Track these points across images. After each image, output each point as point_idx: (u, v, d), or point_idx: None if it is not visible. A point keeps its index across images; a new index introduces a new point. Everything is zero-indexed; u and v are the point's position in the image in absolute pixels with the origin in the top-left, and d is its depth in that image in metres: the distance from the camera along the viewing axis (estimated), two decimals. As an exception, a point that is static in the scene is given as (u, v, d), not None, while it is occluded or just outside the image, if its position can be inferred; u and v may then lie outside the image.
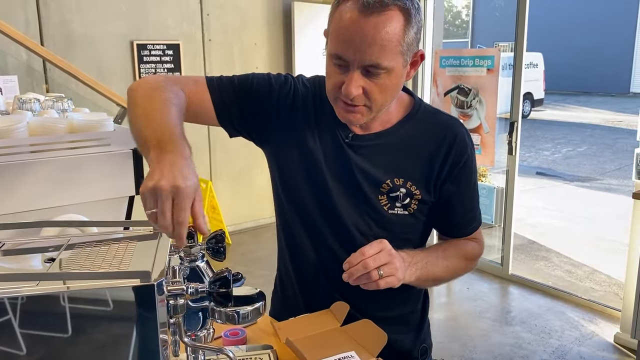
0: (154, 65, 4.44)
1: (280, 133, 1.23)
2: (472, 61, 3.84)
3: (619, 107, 14.64)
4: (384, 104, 1.11)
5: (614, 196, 6.59)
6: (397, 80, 1.09)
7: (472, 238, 1.30)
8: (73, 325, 0.80)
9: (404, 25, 1.01)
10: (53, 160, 1.53)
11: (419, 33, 1.06)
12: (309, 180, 1.23)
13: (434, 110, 1.26)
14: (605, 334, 3.22)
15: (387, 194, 1.20)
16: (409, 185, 1.19)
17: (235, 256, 4.55)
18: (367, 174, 1.19)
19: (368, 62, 1.01)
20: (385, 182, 1.19)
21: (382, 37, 0.99)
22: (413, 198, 1.20)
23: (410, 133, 1.20)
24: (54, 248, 0.97)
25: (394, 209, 1.20)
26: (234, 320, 0.93)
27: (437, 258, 1.22)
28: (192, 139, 0.96)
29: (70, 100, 1.96)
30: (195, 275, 1.07)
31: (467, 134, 1.23)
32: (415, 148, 1.19)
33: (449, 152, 1.19)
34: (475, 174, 1.27)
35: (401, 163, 1.19)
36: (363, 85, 1.05)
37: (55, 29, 3.98)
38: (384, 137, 1.20)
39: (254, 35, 4.97)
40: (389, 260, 1.07)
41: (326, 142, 1.21)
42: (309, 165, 1.23)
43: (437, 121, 1.22)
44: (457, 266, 1.26)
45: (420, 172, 1.19)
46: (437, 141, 1.19)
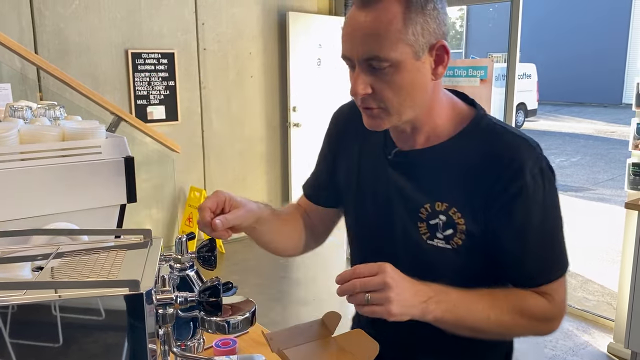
0: (149, 73, 4.44)
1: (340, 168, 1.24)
2: (466, 71, 3.86)
3: (611, 117, 14.74)
4: (403, 104, 0.98)
5: (607, 206, 6.62)
6: (412, 77, 0.95)
7: (542, 292, 1.03)
8: (61, 335, 0.79)
9: (403, 11, 0.91)
10: (44, 168, 1.51)
11: (433, 21, 0.94)
12: (354, 201, 1.18)
13: (501, 127, 1.04)
14: (598, 343, 3.22)
15: (426, 221, 1.05)
16: (452, 213, 1.02)
17: (229, 265, 4.53)
18: (406, 196, 1.07)
19: (366, 54, 0.93)
20: (424, 207, 1.04)
21: (377, 27, 0.91)
22: (456, 229, 1.02)
23: (462, 152, 1.03)
24: (42, 256, 0.96)
25: (434, 240, 1.05)
26: (224, 329, 0.93)
27: (477, 303, 0.99)
28: (185, 147, 0.97)
29: (63, 108, 1.95)
30: (186, 285, 1.06)
31: (536, 160, 1.00)
32: (466, 170, 1.01)
33: (499, 175, 0.98)
34: (547, 213, 1.01)
35: (446, 185, 1.03)
36: (371, 83, 0.96)
37: (50, 37, 3.98)
38: (430, 154, 1.05)
39: (248, 45, 4.98)
40: (382, 288, 0.91)
41: (369, 161, 1.14)
42: (351, 185, 1.18)
43: (499, 141, 1.01)
44: (508, 321, 1.00)
45: (467, 198, 1.01)
46: (492, 164, 0.99)
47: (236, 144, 5.04)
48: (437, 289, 0.96)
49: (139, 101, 4.43)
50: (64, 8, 4.01)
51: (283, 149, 5.33)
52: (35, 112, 1.90)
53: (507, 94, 3.81)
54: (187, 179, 4.79)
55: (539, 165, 1.00)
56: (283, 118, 5.26)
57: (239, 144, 5.05)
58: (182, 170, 4.71)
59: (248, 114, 5.08)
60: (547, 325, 1.05)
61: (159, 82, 4.50)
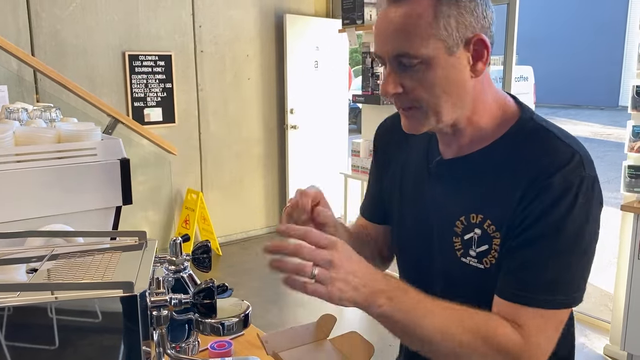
0: (146, 76, 4.44)
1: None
2: (462, 74, 3.87)
3: (608, 120, 14.78)
4: (439, 103, 0.90)
5: (603, 208, 6.62)
6: (446, 74, 0.88)
7: (518, 323, 0.88)
8: (54, 336, 0.79)
9: (434, 4, 0.85)
10: (39, 170, 1.51)
11: (469, 13, 0.87)
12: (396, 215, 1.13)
13: (548, 130, 0.94)
14: (595, 345, 3.22)
15: (461, 236, 0.96)
16: (486, 226, 0.92)
17: (225, 268, 4.53)
18: (443, 208, 0.99)
19: (396, 51, 0.88)
20: (460, 219, 0.96)
21: (406, 22, 0.86)
22: (491, 245, 0.92)
23: (502, 158, 0.94)
24: (37, 258, 0.96)
25: (467, 258, 0.95)
26: (219, 331, 0.93)
27: (437, 314, 0.86)
28: (182, 149, 0.97)
29: (59, 110, 1.95)
30: (181, 286, 1.06)
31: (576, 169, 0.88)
32: (504, 177, 0.92)
33: (532, 182, 0.89)
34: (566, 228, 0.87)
35: (484, 195, 0.94)
36: (402, 82, 0.90)
37: (47, 39, 3.98)
38: (472, 161, 0.97)
39: (246, 47, 4.99)
40: (325, 264, 0.80)
41: (412, 172, 1.08)
42: (393, 199, 1.13)
43: (544, 143, 0.92)
44: (464, 340, 0.86)
45: (502, 209, 0.91)
46: (528, 170, 0.90)
47: (233, 146, 5.04)
48: (395, 285, 0.86)
49: (136, 103, 4.43)
50: (61, 10, 4.01)
51: (280, 151, 5.33)
52: (31, 114, 1.90)
53: (503, 96, 3.82)
54: (184, 181, 4.79)
55: (578, 174, 0.88)
56: (280, 120, 5.27)
57: (236, 146, 5.05)
58: (179, 172, 4.71)
59: (245, 116, 5.08)
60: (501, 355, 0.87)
61: (156, 84, 4.50)
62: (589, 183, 0.89)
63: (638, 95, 2.90)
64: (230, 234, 5.12)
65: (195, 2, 4.62)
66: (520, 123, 0.95)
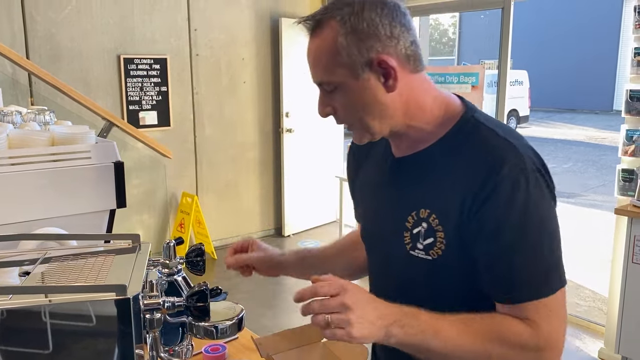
0: (141, 79, 4.43)
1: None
2: (457, 78, 3.88)
3: (602, 124, 14.85)
4: (363, 121, 0.98)
5: (598, 212, 6.65)
6: (358, 95, 0.95)
7: (524, 317, 0.92)
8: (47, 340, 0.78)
9: (334, 36, 0.93)
10: (33, 173, 1.51)
11: (370, 38, 0.92)
12: (361, 215, 1.22)
13: (489, 128, 0.99)
14: (589, 349, 3.22)
15: (411, 231, 1.01)
16: (432, 219, 0.97)
17: (221, 271, 4.51)
18: (396, 205, 1.05)
19: (317, 79, 0.99)
20: (411, 214, 1.00)
21: (318, 53, 0.96)
22: (436, 238, 0.97)
23: (448, 155, 0.99)
24: (30, 262, 0.96)
25: (415, 250, 1.00)
26: (213, 335, 0.92)
27: (447, 330, 0.91)
28: (178, 153, 0.98)
29: (53, 113, 1.94)
30: (174, 290, 1.06)
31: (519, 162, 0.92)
32: (452, 174, 0.97)
33: (475, 178, 0.93)
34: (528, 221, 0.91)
35: (431, 191, 0.99)
36: (330, 104, 1.00)
37: (41, 42, 3.97)
38: (419, 158, 1.03)
39: (241, 51, 4.99)
40: (341, 310, 0.86)
41: (371, 174, 1.16)
42: (358, 201, 1.23)
43: (486, 142, 0.96)
44: (482, 350, 0.91)
45: (451, 205, 0.95)
46: (471, 166, 0.95)
47: (229, 150, 5.03)
48: (405, 312, 0.91)
49: (131, 106, 4.42)
50: (56, 13, 4.01)
51: (276, 155, 5.33)
52: (25, 117, 1.89)
53: (498, 100, 3.84)
54: (179, 185, 4.78)
55: (520, 166, 0.92)
56: (276, 124, 5.27)
57: (231, 149, 5.05)
58: (174, 175, 4.70)
59: (240, 120, 5.08)
60: (528, 356, 0.93)
61: (151, 88, 4.50)
62: (537, 171, 0.94)
63: (632, 100, 2.92)
64: (225, 237, 5.11)
65: (191, 5, 4.62)
66: (462, 121, 1.01)
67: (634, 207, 2.78)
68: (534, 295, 0.92)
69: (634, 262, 2.76)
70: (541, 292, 0.92)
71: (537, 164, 0.95)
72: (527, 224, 0.92)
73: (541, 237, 0.93)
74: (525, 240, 0.92)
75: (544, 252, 0.93)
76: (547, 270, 0.93)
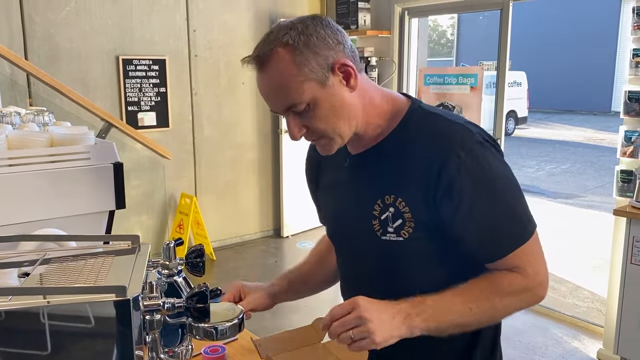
0: (140, 80, 4.43)
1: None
2: (456, 79, 3.88)
3: (601, 125, 14.87)
4: (336, 127, 1.04)
5: (596, 213, 6.66)
6: (330, 102, 1.02)
7: (512, 267, 1.04)
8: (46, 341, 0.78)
9: (290, 58, 0.99)
10: (32, 174, 1.51)
11: (322, 49, 1.00)
12: (326, 215, 1.28)
13: (434, 114, 1.10)
14: (588, 350, 3.23)
15: (379, 217, 1.08)
16: (398, 203, 1.05)
17: (220, 273, 4.51)
18: (361, 197, 1.12)
19: (284, 106, 1.02)
20: (377, 203, 1.08)
21: (278, 81, 1.00)
22: (404, 219, 1.05)
23: (402, 144, 1.08)
24: (29, 263, 0.96)
25: (386, 235, 1.07)
26: (212, 336, 0.92)
27: (454, 301, 1.02)
28: (176, 154, 0.98)
29: (52, 114, 1.94)
30: (174, 291, 1.06)
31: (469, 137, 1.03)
32: (409, 160, 1.06)
33: (435, 159, 1.02)
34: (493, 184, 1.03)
35: (392, 178, 1.07)
36: (302, 124, 1.04)
37: (40, 43, 3.97)
38: (376, 151, 1.11)
39: (240, 52, 4.98)
40: (359, 322, 0.95)
41: (331, 174, 1.22)
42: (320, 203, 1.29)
43: (432, 127, 1.07)
44: (490, 306, 1.03)
45: (413, 188, 1.04)
46: (427, 149, 1.04)
47: (227, 151, 5.03)
48: (413, 303, 1.00)
49: (129, 107, 4.42)
50: (55, 14, 4.00)
51: (274, 156, 5.32)
52: (24, 117, 1.89)
53: (497, 101, 3.84)
54: (177, 186, 4.78)
55: (472, 140, 1.03)
56: (274, 125, 5.27)
57: (230, 150, 5.05)
58: (173, 176, 4.70)
59: (239, 121, 5.08)
60: (529, 296, 1.05)
61: (150, 89, 4.50)
62: (485, 140, 1.05)
63: (630, 101, 2.93)
64: (224, 238, 5.11)
65: (190, 6, 4.62)
66: (410, 112, 1.10)
67: (633, 208, 2.79)
68: (517, 243, 1.03)
69: (633, 263, 2.77)
70: (522, 239, 1.03)
71: (483, 135, 1.06)
72: (495, 188, 1.03)
73: (509, 192, 1.05)
74: (497, 200, 1.03)
75: (514, 205, 1.05)
76: (521, 217, 1.05)
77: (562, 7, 17.13)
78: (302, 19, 1.03)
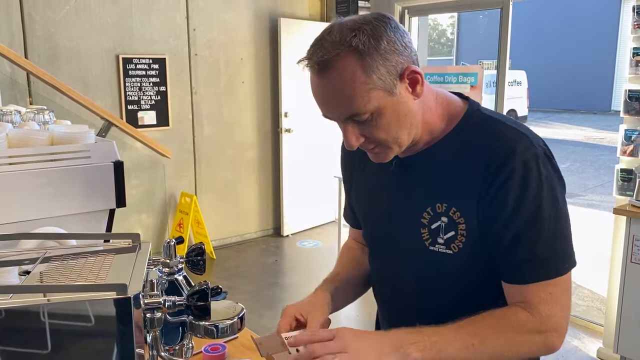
0: (140, 79, 4.43)
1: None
2: (456, 78, 3.88)
3: (600, 124, 14.87)
4: (398, 136, 0.98)
5: (596, 212, 6.66)
6: (395, 111, 0.95)
7: (524, 302, 0.97)
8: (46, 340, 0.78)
9: (359, 63, 0.91)
10: (33, 173, 1.51)
11: (392, 55, 0.93)
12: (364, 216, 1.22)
13: (493, 119, 1.03)
14: (588, 348, 3.23)
15: (428, 226, 1.02)
16: (452, 213, 0.99)
17: (220, 271, 4.51)
18: (409, 203, 1.06)
19: (346, 114, 0.95)
20: (426, 210, 1.02)
21: (342, 88, 0.92)
22: (457, 231, 0.99)
23: (456, 149, 1.01)
24: (30, 261, 0.96)
25: (435, 246, 1.01)
26: (213, 334, 0.92)
27: (456, 334, 0.94)
28: (176, 153, 0.97)
29: (52, 112, 1.94)
30: (175, 289, 1.06)
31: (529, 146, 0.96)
32: (461, 166, 1.00)
33: (489, 165, 0.96)
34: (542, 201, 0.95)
35: (446, 185, 1.01)
36: (361, 133, 0.97)
37: (40, 42, 3.96)
38: (429, 156, 1.04)
39: (240, 50, 4.99)
40: (342, 350, 0.88)
41: (374, 175, 1.15)
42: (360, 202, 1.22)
43: (490, 132, 1.00)
44: (493, 343, 0.95)
45: (465, 195, 0.98)
46: (483, 155, 0.97)
47: (227, 150, 5.03)
48: (409, 331, 0.93)
49: (129, 106, 4.42)
50: (55, 13, 4.00)
51: (274, 155, 5.32)
52: (24, 116, 1.89)
53: (497, 100, 3.84)
54: (177, 185, 4.78)
55: (532, 151, 0.96)
56: (274, 124, 5.27)
57: (230, 149, 5.05)
58: (173, 176, 4.70)
59: (239, 120, 5.08)
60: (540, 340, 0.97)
61: (150, 88, 4.49)
62: (545, 155, 0.97)
63: (630, 100, 2.92)
64: (224, 237, 5.11)
65: (190, 5, 4.62)
66: (467, 116, 1.04)
67: (633, 207, 2.79)
68: (548, 274, 0.95)
69: (633, 262, 2.77)
70: (556, 271, 0.96)
71: (545, 149, 0.99)
72: (543, 206, 0.95)
73: (557, 218, 0.96)
74: (541, 217, 0.95)
75: (557, 233, 0.96)
76: (563, 248, 0.97)
77: (562, 6, 17.12)
78: (366, 19, 0.93)
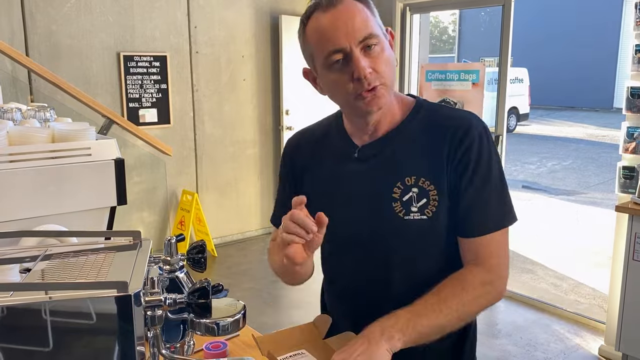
0: (141, 77, 4.43)
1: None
2: (458, 75, 3.87)
3: (602, 122, 14.85)
4: (392, 78, 1.09)
5: (598, 209, 6.65)
6: (389, 56, 1.08)
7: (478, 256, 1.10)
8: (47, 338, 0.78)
9: (365, 6, 1.07)
10: (33, 170, 1.50)
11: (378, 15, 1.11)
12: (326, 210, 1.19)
13: (439, 106, 1.24)
14: (590, 346, 3.23)
15: (400, 199, 1.11)
16: (421, 182, 1.10)
17: (221, 269, 4.52)
18: (377, 183, 1.14)
19: (363, 35, 1.03)
20: (397, 185, 1.12)
21: (359, 11, 1.05)
22: (429, 197, 1.10)
23: (416, 130, 1.15)
24: (31, 258, 0.95)
25: (410, 215, 1.10)
26: (214, 331, 0.92)
27: (428, 306, 1.04)
28: (178, 150, 0.97)
29: (53, 110, 1.94)
30: (175, 286, 1.06)
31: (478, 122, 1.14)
32: (423, 143, 1.13)
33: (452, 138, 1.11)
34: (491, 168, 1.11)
35: (410, 161, 1.13)
36: (369, 63, 1.05)
37: (41, 40, 3.96)
38: (391, 139, 1.15)
39: (241, 48, 4.98)
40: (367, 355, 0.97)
41: (331, 168, 1.20)
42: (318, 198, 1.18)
43: (442, 115, 1.17)
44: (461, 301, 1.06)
45: (430, 166, 1.11)
46: (443, 133, 1.12)
47: (228, 147, 5.03)
48: (387, 317, 1.02)
49: (131, 104, 4.42)
50: (56, 10, 4.00)
51: (276, 153, 5.32)
52: (25, 114, 1.89)
53: (499, 98, 3.83)
54: (179, 182, 4.78)
55: (482, 125, 1.13)
56: (275, 121, 5.26)
57: (231, 147, 5.04)
58: (174, 173, 4.70)
59: (240, 117, 5.08)
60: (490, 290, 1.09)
61: (151, 85, 4.49)
62: (487, 130, 1.14)
63: (632, 97, 2.92)
64: (225, 235, 5.11)
65: (191, 3, 4.62)
66: (418, 106, 1.18)
67: (635, 205, 2.78)
68: (498, 225, 1.11)
69: (635, 260, 2.76)
70: (503, 222, 1.11)
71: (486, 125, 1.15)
72: (492, 172, 1.11)
73: (500, 176, 1.13)
74: (493, 176, 1.11)
75: (505, 190, 1.13)
76: (508, 204, 1.13)
77: (564, 3, 17.08)
78: None
